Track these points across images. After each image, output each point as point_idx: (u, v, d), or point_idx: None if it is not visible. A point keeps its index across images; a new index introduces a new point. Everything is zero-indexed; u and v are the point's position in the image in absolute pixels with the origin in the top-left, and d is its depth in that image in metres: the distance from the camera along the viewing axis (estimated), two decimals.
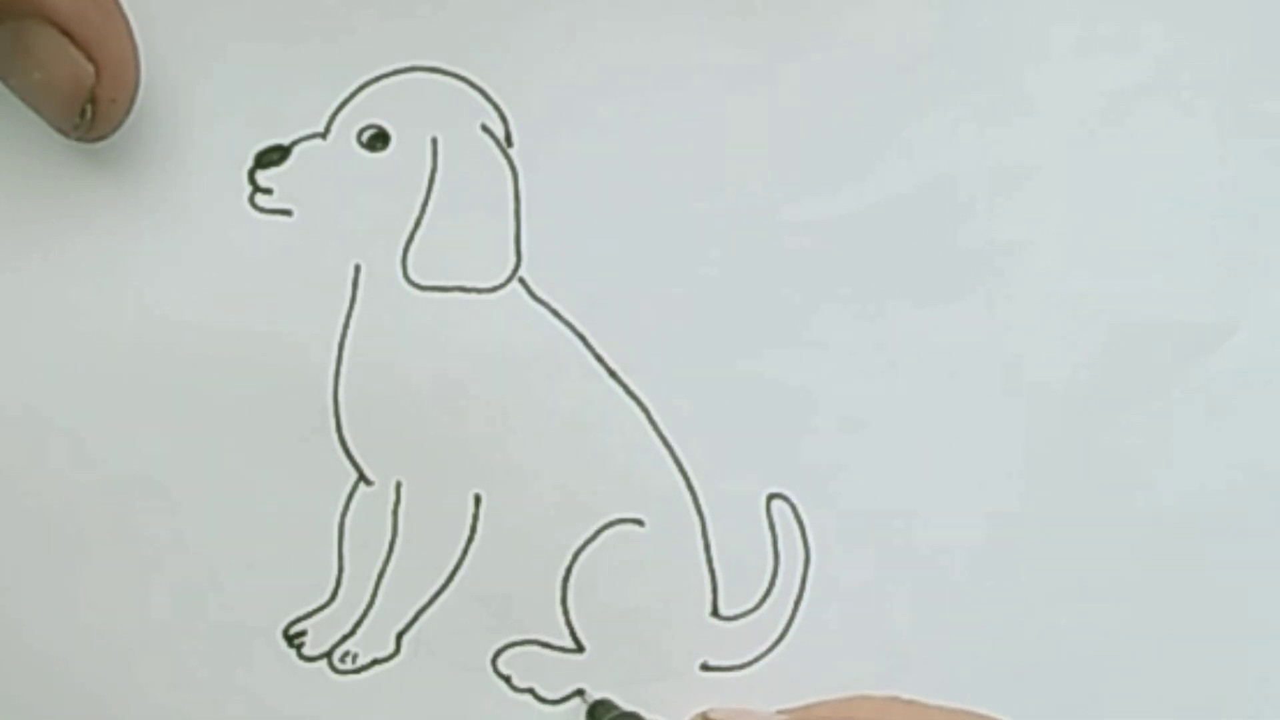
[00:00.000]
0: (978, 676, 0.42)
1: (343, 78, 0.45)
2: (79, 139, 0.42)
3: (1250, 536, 0.46)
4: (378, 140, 0.45)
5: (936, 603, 0.45)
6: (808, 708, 0.43)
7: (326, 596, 0.44)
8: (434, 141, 0.45)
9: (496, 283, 0.45)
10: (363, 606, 0.44)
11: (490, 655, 0.44)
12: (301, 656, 0.44)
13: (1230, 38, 0.46)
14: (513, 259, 0.45)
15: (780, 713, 0.43)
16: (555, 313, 0.45)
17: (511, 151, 0.45)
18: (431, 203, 0.45)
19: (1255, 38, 0.46)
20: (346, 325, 0.44)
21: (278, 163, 0.44)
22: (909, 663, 0.44)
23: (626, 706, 0.44)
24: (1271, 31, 0.46)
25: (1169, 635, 0.45)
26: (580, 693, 0.44)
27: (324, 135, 0.44)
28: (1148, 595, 0.45)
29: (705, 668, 0.45)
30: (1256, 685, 0.45)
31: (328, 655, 0.44)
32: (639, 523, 0.45)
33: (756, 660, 0.45)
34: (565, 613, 0.44)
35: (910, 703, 0.43)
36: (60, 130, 0.42)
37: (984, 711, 0.42)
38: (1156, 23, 0.46)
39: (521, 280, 0.45)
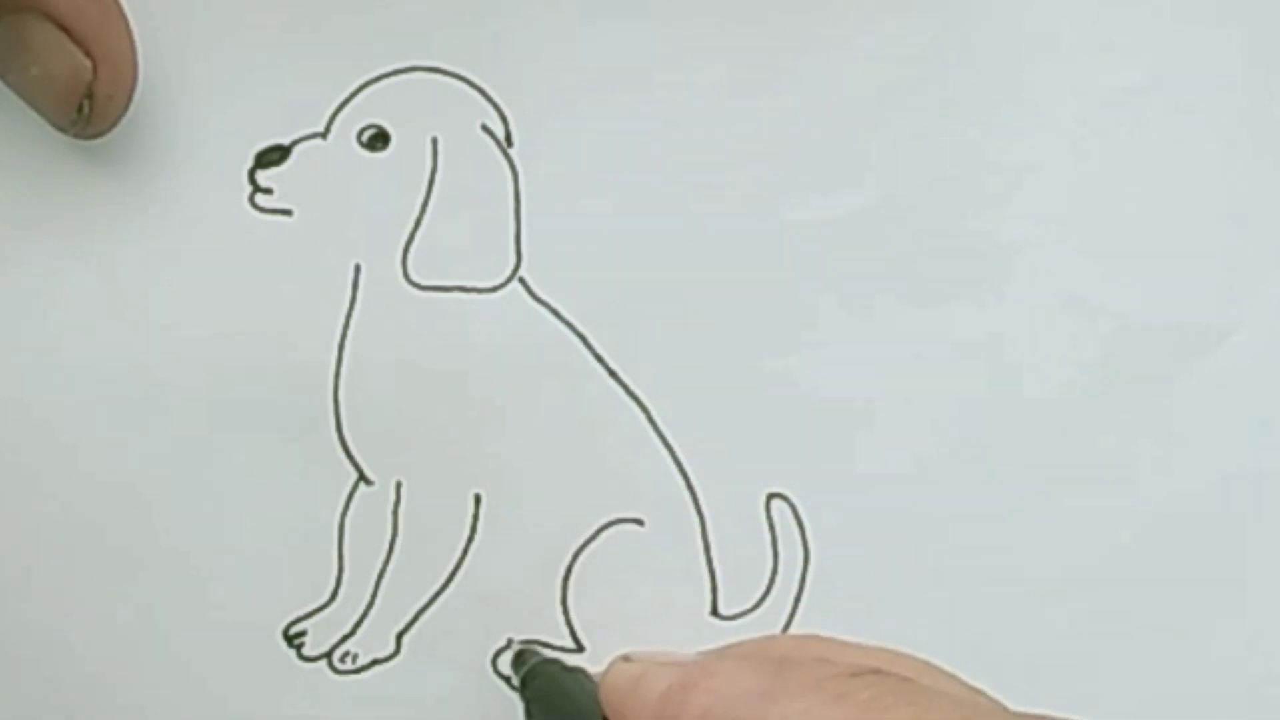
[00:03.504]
0: (978, 675, 0.42)
1: (343, 78, 0.45)
2: (77, 135, 0.42)
3: (1250, 536, 0.45)
4: (378, 140, 0.45)
5: (935, 602, 0.45)
6: (731, 646, 0.43)
7: (326, 596, 0.44)
8: (434, 141, 0.45)
9: (496, 283, 0.45)
10: (363, 606, 0.44)
11: (490, 655, 0.44)
12: (301, 656, 0.44)
13: (1230, 38, 0.46)
14: (513, 259, 0.45)
15: (701, 653, 0.43)
16: (555, 313, 0.45)
17: (511, 151, 0.45)
18: (431, 203, 0.45)
19: (1256, 38, 0.46)
20: (346, 325, 0.44)
21: (278, 162, 0.44)
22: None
23: (547, 653, 0.44)
24: (1272, 31, 0.46)
25: (1169, 634, 0.45)
26: (508, 643, 0.44)
27: (324, 135, 0.45)
28: (1148, 595, 0.45)
29: None
30: (1256, 684, 0.45)
31: (328, 655, 0.44)
32: (639, 523, 0.45)
33: None
34: (565, 613, 0.44)
35: (831, 639, 0.43)
36: (58, 127, 0.42)
37: (903, 649, 0.42)
38: (1157, 23, 0.46)
39: (521, 280, 0.45)
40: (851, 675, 0.38)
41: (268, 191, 0.44)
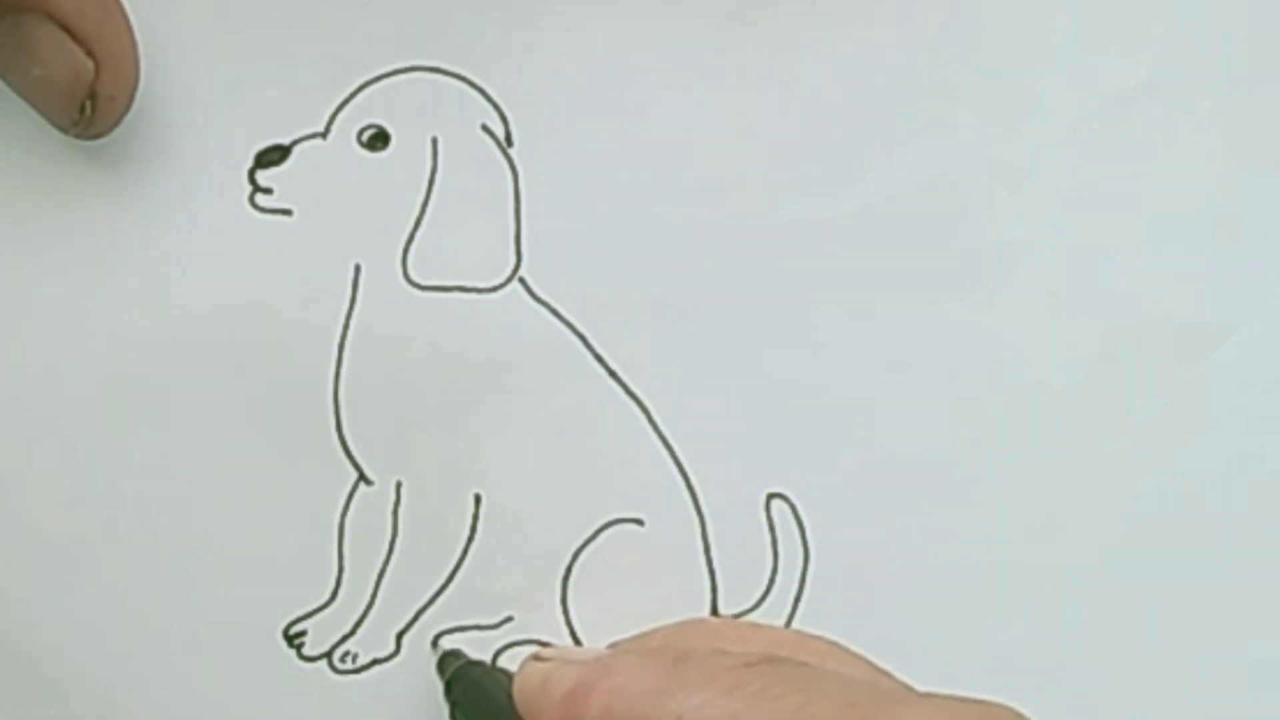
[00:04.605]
0: (978, 675, 0.42)
1: (343, 78, 0.45)
2: (78, 136, 0.42)
3: (1249, 536, 0.45)
4: (378, 140, 0.45)
5: (936, 602, 0.45)
6: (640, 636, 0.44)
7: (326, 596, 0.44)
8: (434, 141, 0.45)
9: (496, 283, 0.45)
10: (363, 606, 0.44)
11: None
12: (301, 656, 0.44)
13: (1230, 38, 0.46)
14: (513, 259, 0.45)
15: (611, 645, 0.43)
16: (555, 313, 0.45)
17: (511, 151, 0.45)
18: (431, 203, 0.45)
19: (1255, 38, 0.46)
20: (346, 325, 0.44)
21: (278, 162, 0.44)
22: (908, 662, 0.43)
23: (474, 656, 0.44)
24: (1272, 31, 0.46)
25: (1168, 634, 0.45)
26: (434, 643, 0.44)
27: (324, 135, 0.45)
28: (1147, 595, 0.45)
29: None
30: (1254, 684, 0.45)
31: (328, 655, 0.44)
32: (639, 523, 0.45)
33: None
34: (565, 613, 0.44)
35: (741, 623, 0.44)
36: (59, 127, 0.42)
37: (823, 635, 0.43)
38: (1156, 23, 0.46)
39: (521, 280, 0.45)
40: (746, 666, 0.39)
41: (268, 191, 0.44)
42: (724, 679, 0.39)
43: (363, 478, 0.44)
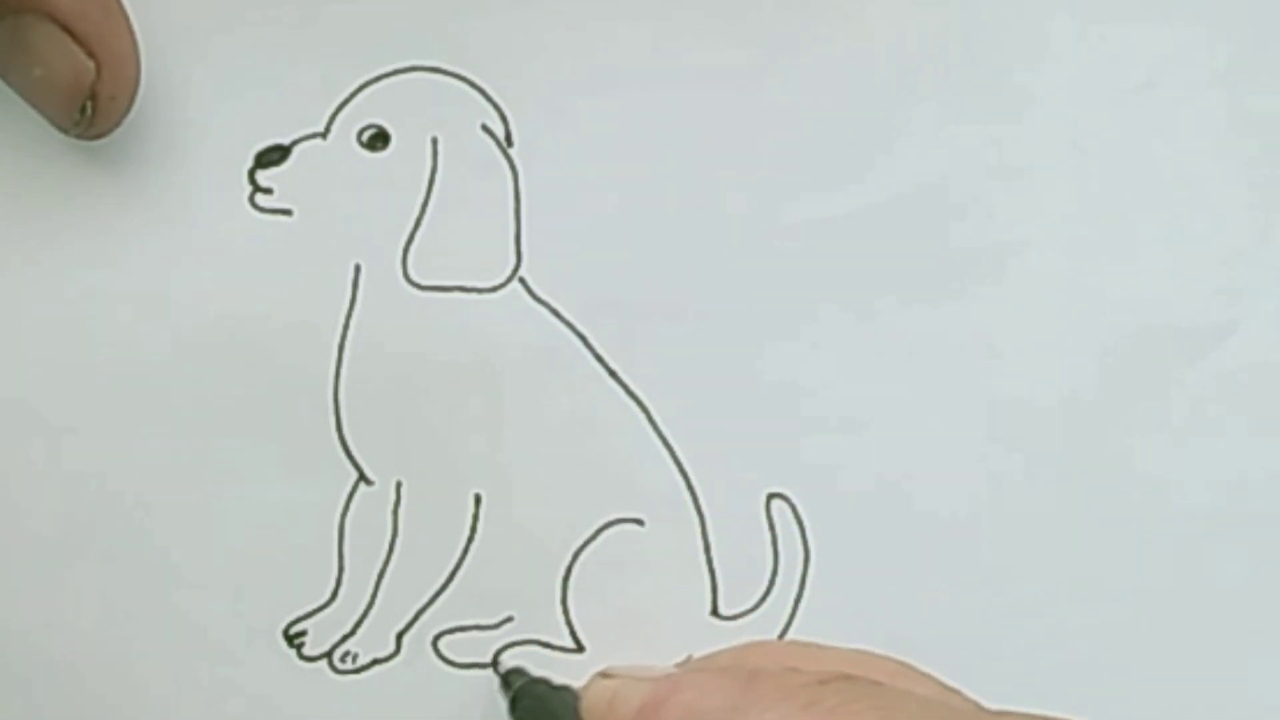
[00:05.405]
0: (978, 676, 0.42)
1: (343, 78, 0.45)
2: (79, 136, 0.42)
3: (1250, 537, 0.45)
4: (378, 140, 0.45)
5: (936, 603, 0.45)
6: (707, 656, 0.44)
7: (326, 596, 0.44)
8: (434, 141, 0.45)
9: (496, 283, 0.45)
10: (363, 606, 0.44)
11: (490, 655, 0.44)
12: (301, 656, 0.44)
13: (1230, 38, 0.46)
14: (513, 259, 0.45)
15: (678, 665, 0.43)
16: (555, 313, 0.45)
17: (511, 151, 0.45)
18: (431, 203, 0.45)
19: (1255, 37, 0.46)
20: (346, 325, 0.44)
21: (278, 162, 0.44)
22: (909, 662, 0.44)
23: (537, 673, 0.44)
24: (1272, 31, 0.46)
25: (1169, 635, 0.45)
26: (494, 663, 0.44)
27: (324, 135, 0.45)
28: (1148, 595, 0.45)
29: None
30: (1255, 686, 0.45)
31: (328, 655, 0.44)
32: (639, 523, 0.45)
33: None
34: (565, 613, 0.44)
35: (807, 644, 0.44)
36: (60, 128, 0.42)
37: (882, 652, 0.43)
38: (1157, 22, 0.46)
39: (521, 280, 0.45)
40: (820, 682, 0.39)
41: (268, 191, 0.44)
42: (800, 695, 0.38)
43: (363, 478, 0.44)
